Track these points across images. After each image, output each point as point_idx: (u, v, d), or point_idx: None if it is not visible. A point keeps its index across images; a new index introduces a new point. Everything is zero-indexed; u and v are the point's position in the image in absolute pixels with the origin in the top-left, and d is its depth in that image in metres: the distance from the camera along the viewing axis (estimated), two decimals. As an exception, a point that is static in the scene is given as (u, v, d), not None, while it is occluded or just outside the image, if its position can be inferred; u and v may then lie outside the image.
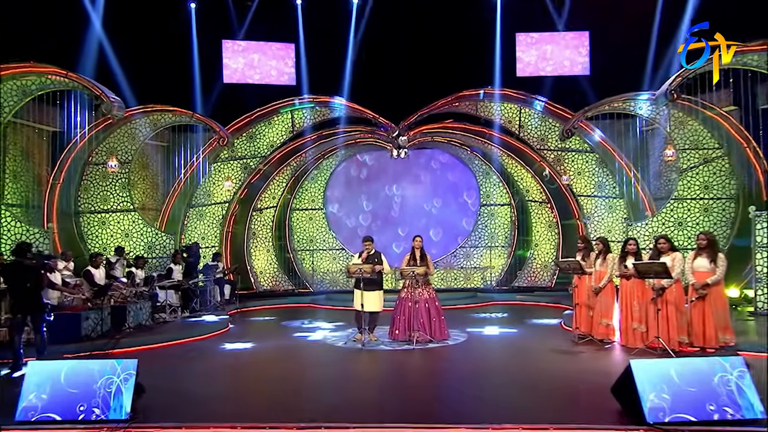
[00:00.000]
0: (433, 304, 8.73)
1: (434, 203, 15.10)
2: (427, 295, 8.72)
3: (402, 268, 8.51)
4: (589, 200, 13.73)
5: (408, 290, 8.73)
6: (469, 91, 13.55)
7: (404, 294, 8.77)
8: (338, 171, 15.34)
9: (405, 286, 8.84)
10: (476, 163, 14.99)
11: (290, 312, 12.89)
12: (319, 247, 15.11)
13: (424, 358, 7.60)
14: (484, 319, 11.48)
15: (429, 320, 8.60)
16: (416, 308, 8.50)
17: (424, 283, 8.74)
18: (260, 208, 14.87)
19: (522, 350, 7.95)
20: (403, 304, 8.70)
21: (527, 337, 9.01)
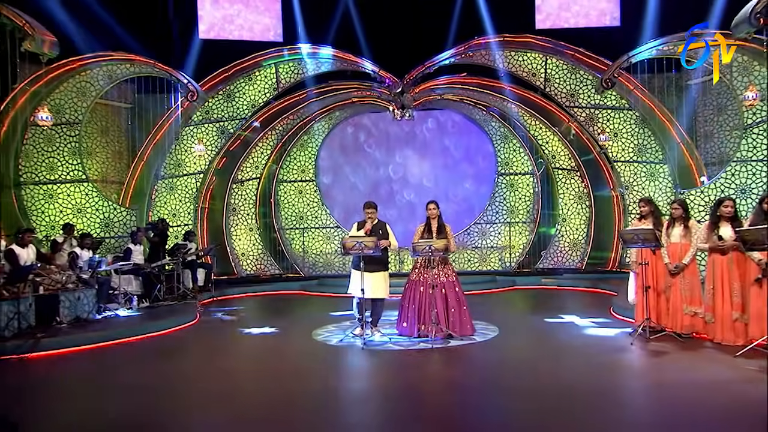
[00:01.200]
0: (453, 290, 6.96)
1: (444, 173, 13.23)
2: (444, 279, 6.93)
3: (415, 242, 6.67)
4: (627, 166, 11.87)
5: (420, 272, 6.94)
6: (485, 39, 11.61)
7: (415, 276, 6.97)
8: (332, 136, 13.45)
9: (416, 267, 7.00)
10: (493, 125, 13.10)
11: (276, 300, 11.12)
12: (310, 224, 13.27)
13: (445, 363, 5.81)
14: (507, 306, 9.65)
15: (446, 310, 6.81)
16: (431, 295, 6.67)
17: (441, 263, 6.90)
18: (241, 179, 12.99)
19: (576, 351, 6.12)
20: (414, 289, 6.92)
21: (575, 332, 7.19)
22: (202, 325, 8.36)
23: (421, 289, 6.91)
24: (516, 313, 8.70)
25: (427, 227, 7.05)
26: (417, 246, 6.65)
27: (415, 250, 6.68)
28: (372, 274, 6.83)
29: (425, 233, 7.01)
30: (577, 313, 8.54)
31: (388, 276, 7.07)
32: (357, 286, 6.76)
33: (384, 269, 6.98)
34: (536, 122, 12.58)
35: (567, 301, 9.83)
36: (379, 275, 6.92)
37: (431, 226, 7.02)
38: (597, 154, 12.16)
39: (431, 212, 7.02)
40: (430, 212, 7.02)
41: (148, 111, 12.09)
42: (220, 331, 7.65)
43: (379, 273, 6.92)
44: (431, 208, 7.03)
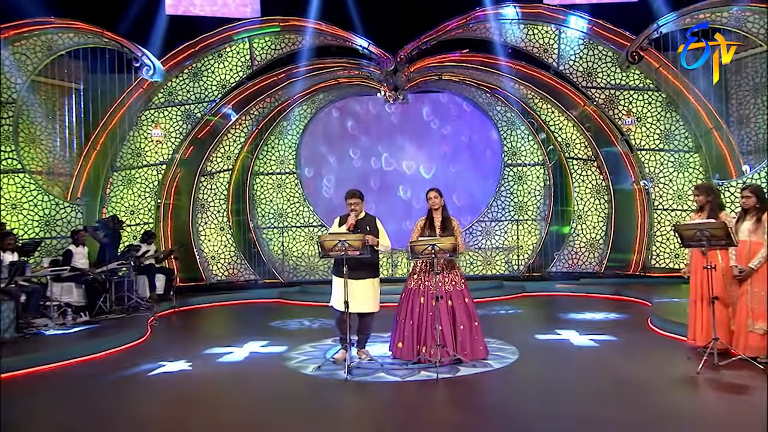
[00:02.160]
0: (461, 302, 5.69)
1: (443, 164, 11.91)
2: (451, 287, 5.66)
3: (414, 241, 5.36)
4: (652, 155, 10.63)
5: (420, 278, 5.67)
6: (490, 9, 10.30)
7: (414, 284, 5.70)
8: (315, 122, 12.09)
9: (415, 272, 5.71)
10: (499, 109, 11.79)
11: (249, 311, 9.80)
12: (291, 223, 11.91)
13: (455, 402, 4.49)
14: (520, 318, 8.33)
15: (454, 328, 5.52)
16: (434, 308, 5.36)
17: (447, 267, 5.66)
18: (210, 172, 11.59)
19: (627, 384, 4.80)
20: (413, 300, 5.65)
21: (615, 355, 5.88)
22: (149, 344, 6.96)
23: (421, 300, 5.59)
24: (533, 327, 7.38)
25: (429, 222, 5.75)
26: (416, 246, 5.31)
27: (413, 252, 5.35)
28: (358, 282, 5.50)
29: (426, 229, 5.71)
30: (608, 328, 7.23)
31: (378, 284, 5.74)
32: (339, 297, 5.41)
33: (373, 275, 5.65)
34: (548, 105, 11.31)
35: (589, 311, 8.52)
36: (366, 284, 5.58)
37: (434, 220, 5.73)
38: (617, 142, 10.89)
39: (433, 202, 5.72)
40: (432, 202, 5.73)
41: (104, 93, 10.66)
42: (168, 353, 6.26)
43: (367, 281, 5.58)
44: (432, 197, 5.73)
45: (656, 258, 10.68)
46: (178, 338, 7.51)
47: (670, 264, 10.61)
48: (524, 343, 6.27)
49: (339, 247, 5.17)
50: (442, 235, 5.55)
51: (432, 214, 5.75)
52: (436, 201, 5.72)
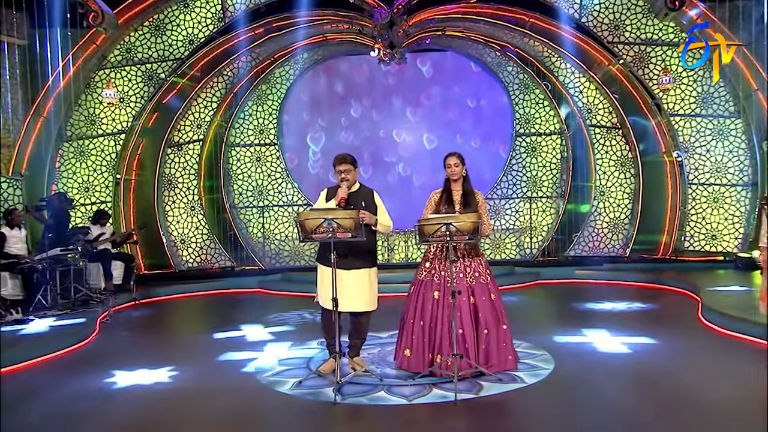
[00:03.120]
0: (487, 298, 4.57)
1: (446, 133, 10.75)
2: (474, 279, 4.57)
3: (424, 219, 4.25)
4: (687, 122, 9.54)
5: (434, 268, 4.62)
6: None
7: (426, 275, 4.64)
8: (299, 86, 10.86)
9: (427, 259, 4.70)
10: (510, 70, 10.60)
11: (223, 303, 8.75)
12: (272, 202, 10.74)
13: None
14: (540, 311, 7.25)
15: (477, 331, 4.48)
16: (451, 306, 4.26)
17: (468, 253, 4.62)
18: (179, 142, 10.36)
19: (711, 402, 3.72)
20: (424, 295, 4.58)
21: (677, 360, 4.81)
22: (92, 349, 5.81)
23: (435, 295, 4.51)
24: (560, 324, 6.30)
25: (446, 196, 4.67)
26: (426, 226, 4.20)
27: (422, 234, 4.24)
28: (350, 273, 4.44)
29: (442, 205, 4.63)
30: (650, 322, 6.17)
31: (376, 276, 4.65)
32: (326, 292, 4.31)
33: (369, 264, 4.56)
34: (567, 65, 10.14)
35: (620, 301, 7.47)
36: (361, 275, 4.49)
37: (452, 193, 4.66)
38: (647, 107, 9.75)
39: (452, 171, 4.63)
40: (451, 171, 4.64)
41: (50, 50, 9.33)
42: (107, 362, 5.12)
43: (362, 272, 4.49)
44: (452, 164, 4.63)
45: (690, 240, 9.64)
46: (131, 341, 6.36)
47: (706, 246, 9.59)
48: (555, 347, 5.19)
49: (325, 227, 4.05)
50: (462, 213, 4.45)
51: (450, 185, 4.67)
52: (456, 170, 4.62)
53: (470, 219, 4.27)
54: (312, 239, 4.19)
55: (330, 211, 4.19)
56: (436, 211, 4.60)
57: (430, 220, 4.27)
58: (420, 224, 4.27)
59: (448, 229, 4.16)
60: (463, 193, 4.65)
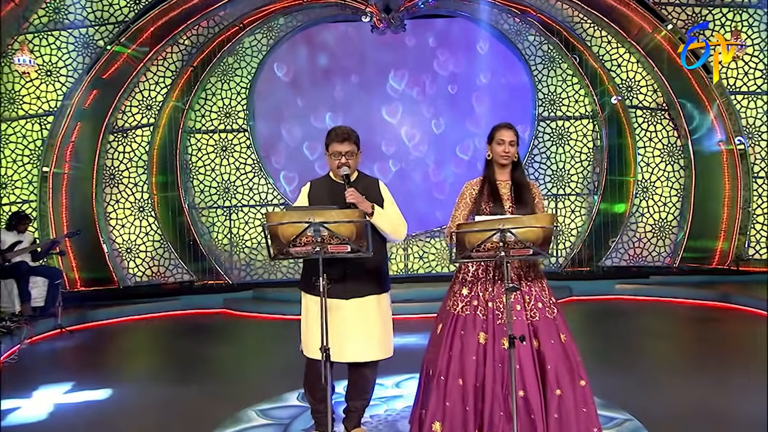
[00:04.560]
0: (556, 341, 3.29)
1: (452, 117, 9.31)
2: (536, 313, 3.26)
3: (464, 224, 3.09)
4: (751, 101, 8.23)
5: (474, 295, 3.31)
6: None
7: (463, 308, 3.29)
8: (275, 59, 9.35)
9: (463, 282, 3.36)
10: (531, 40, 9.19)
11: (176, 331, 7.26)
12: (242, 201, 9.22)
13: None
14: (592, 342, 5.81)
15: (544, 393, 3.10)
16: (505, 357, 3.08)
17: (526, 273, 3.34)
18: (123, 128, 8.79)
19: None
20: (463, 340, 3.24)
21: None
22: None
23: (480, 339, 3.16)
24: (629, 365, 4.87)
25: (489, 189, 3.36)
26: (468, 234, 2.87)
27: (464, 245, 2.92)
28: (351, 302, 3.25)
29: (486, 202, 3.33)
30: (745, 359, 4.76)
31: (389, 305, 3.44)
32: (312, 335, 3.20)
33: (379, 289, 3.35)
34: (603, 33, 8.74)
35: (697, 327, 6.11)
36: (368, 305, 3.29)
37: (497, 186, 3.37)
38: (700, 83, 8.39)
39: (506, 151, 3.34)
40: (504, 151, 3.34)
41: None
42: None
43: (369, 299, 3.29)
44: (506, 140, 3.33)
45: (756, 246, 8.31)
46: (39, 395, 4.78)
47: (776, 254, 8.27)
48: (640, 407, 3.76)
49: (310, 236, 2.78)
50: (515, 211, 3.25)
51: (494, 173, 3.40)
52: (511, 150, 3.34)
53: (541, 222, 2.91)
54: (289, 255, 2.88)
55: (317, 211, 2.78)
56: (475, 210, 3.32)
57: (478, 224, 2.93)
58: (460, 231, 2.90)
59: (503, 238, 2.82)
60: (513, 184, 3.37)
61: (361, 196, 3.17)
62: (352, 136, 3.29)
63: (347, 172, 3.23)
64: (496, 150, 3.35)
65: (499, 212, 3.25)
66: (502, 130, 3.36)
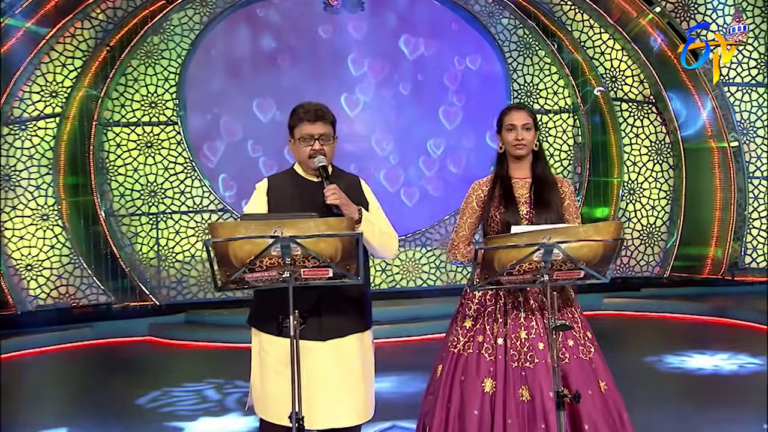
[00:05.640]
0: (596, 390, 2.72)
1: (416, 111, 8.59)
2: (567, 353, 2.74)
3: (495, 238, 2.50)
4: (747, 94, 7.89)
5: (481, 329, 2.79)
6: None
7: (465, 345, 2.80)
8: (210, 41, 8.36)
9: (466, 313, 2.86)
10: (505, 24, 8.57)
11: (91, 365, 6.45)
12: (171, 206, 8.21)
13: None
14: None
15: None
16: (523, 410, 2.65)
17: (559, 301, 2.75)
18: (21, 118, 7.62)
19: None
20: (463, 387, 2.73)
21: None
22: None
23: (486, 387, 2.69)
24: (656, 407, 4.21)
25: (502, 188, 2.88)
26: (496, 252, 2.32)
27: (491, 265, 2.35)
28: (326, 345, 2.53)
29: (498, 207, 2.85)
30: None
31: (371, 345, 2.74)
32: (275, 393, 2.48)
33: (362, 325, 2.65)
34: (585, 17, 8.21)
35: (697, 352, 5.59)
36: (348, 347, 2.58)
37: (511, 185, 2.88)
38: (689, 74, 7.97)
39: (518, 138, 2.83)
40: (516, 139, 2.83)
41: None
42: None
43: (350, 340, 2.58)
44: (518, 124, 2.84)
45: (753, 253, 7.93)
46: None
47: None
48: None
49: (275, 256, 2.12)
50: (539, 219, 2.76)
51: (508, 168, 2.92)
52: (527, 137, 2.83)
53: (602, 233, 2.33)
54: (244, 284, 2.20)
55: (286, 220, 2.10)
56: (484, 216, 2.87)
57: (514, 237, 2.30)
58: (490, 247, 2.27)
59: (546, 254, 2.24)
60: (534, 181, 2.87)
61: (345, 196, 2.46)
62: (327, 114, 2.61)
63: (323, 163, 2.57)
64: (507, 139, 2.86)
65: (511, 220, 2.74)
66: (512, 113, 2.88)
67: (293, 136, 2.61)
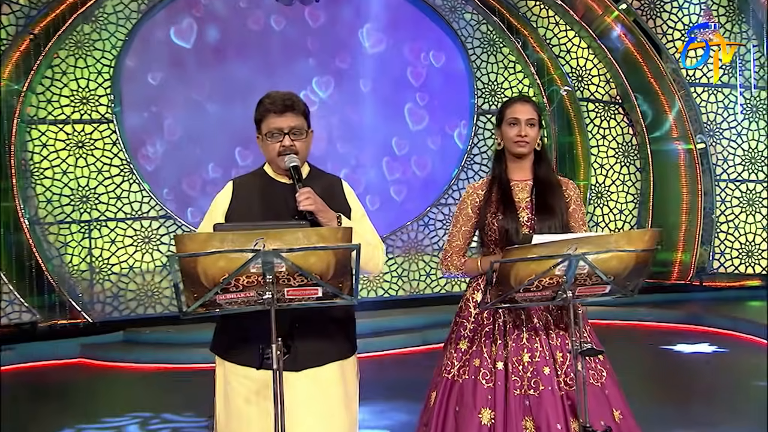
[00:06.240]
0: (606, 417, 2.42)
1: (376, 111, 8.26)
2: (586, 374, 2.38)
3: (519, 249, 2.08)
4: (713, 94, 7.92)
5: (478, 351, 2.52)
6: None
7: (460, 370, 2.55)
8: (148, 31, 7.81)
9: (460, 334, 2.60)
10: (468, 19, 8.35)
11: (16, 393, 5.61)
12: (106, 213, 7.64)
13: None
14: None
15: None
16: None
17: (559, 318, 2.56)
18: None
19: None
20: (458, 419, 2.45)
21: None
22: None
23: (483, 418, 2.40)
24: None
25: (499, 193, 2.63)
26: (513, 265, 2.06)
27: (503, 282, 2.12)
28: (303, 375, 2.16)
29: (495, 214, 2.60)
30: None
31: (355, 374, 2.36)
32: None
33: (344, 352, 2.30)
34: (550, 13, 8.10)
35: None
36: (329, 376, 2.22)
37: (510, 188, 2.63)
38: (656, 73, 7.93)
39: (521, 135, 2.56)
40: (518, 135, 2.56)
41: None
42: None
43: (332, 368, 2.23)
44: (522, 118, 2.56)
45: (721, 258, 7.93)
46: None
47: (741, 267, 7.93)
48: None
49: (254, 274, 1.79)
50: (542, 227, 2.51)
51: (507, 170, 2.65)
52: (530, 133, 2.57)
53: (635, 242, 2.11)
54: (216, 307, 1.86)
55: (270, 230, 1.79)
56: (480, 223, 2.61)
57: (536, 249, 2.04)
58: (508, 260, 2.02)
59: (571, 268, 2.03)
60: (536, 184, 2.61)
61: (321, 201, 2.13)
62: (297, 103, 2.27)
63: (295, 163, 2.22)
64: (508, 134, 2.58)
65: (511, 227, 2.50)
66: (516, 105, 2.60)
67: (260, 131, 2.27)
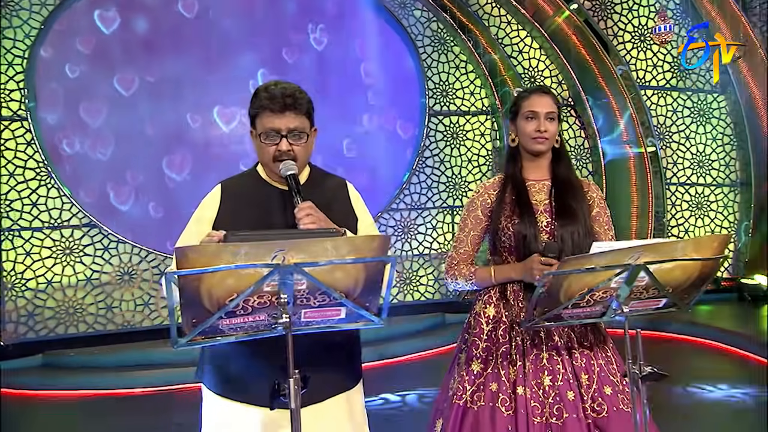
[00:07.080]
0: None
1: (323, 113, 7.78)
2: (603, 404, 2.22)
3: (580, 258, 1.83)
4: (662, 98, 8.10)
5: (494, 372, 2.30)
6: None
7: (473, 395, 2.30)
8: (66, 21, 7.19)
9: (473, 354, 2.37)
10: (418, 16, 8.17)
11: None
12: (21, 222, 6.98)
13: None
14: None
15: None
16: None
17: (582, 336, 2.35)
18: None
19: None
20: None
21: None
22: None
23: None
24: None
25: (513, 194, 2.43)
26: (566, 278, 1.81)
27: (552, 297, 1.86)
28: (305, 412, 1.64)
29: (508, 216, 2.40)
30: None
31: (362, 405, 2.12)
32: None
33: (349, 381, 2.05)
34: (502, 11, 8.03)
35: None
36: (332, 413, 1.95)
37: (525, 188, 2.43)
38: (605, 75, 8.05)
39: (540, 129, 2.34)
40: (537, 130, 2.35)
41: None
42: None
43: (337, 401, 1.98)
44: (541, 112, 2.34)
45: (672, 261, 8.10)
46: None
47: (691, 269, 8.12)
48: None
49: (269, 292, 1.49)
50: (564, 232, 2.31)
51: (522, 169, 2.47)
52: (550, 128, 2.36)
53: (703, 249, 1.87)
54: (218, 334, 1.56)
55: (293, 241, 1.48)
56: (492, 227, 2.41)
57: (596, 258, 1.80)
58: (562, 272, 1.79)
59: (630, 279, 1.81)
60: (554, 184, 2.42)
61: (324, 217, 1.88)
62: (300, 100, 1.99)
63: (293, 171, 1.96)
64: (525, 129, 2.37)
65: (527, 232, 2.30)
66: (534, 97, 2.37)
67: (255, 129, 2.00)
